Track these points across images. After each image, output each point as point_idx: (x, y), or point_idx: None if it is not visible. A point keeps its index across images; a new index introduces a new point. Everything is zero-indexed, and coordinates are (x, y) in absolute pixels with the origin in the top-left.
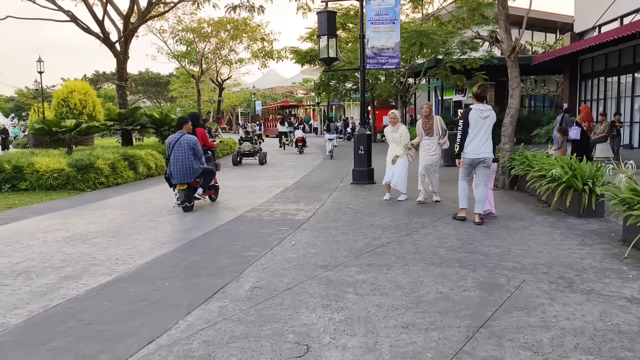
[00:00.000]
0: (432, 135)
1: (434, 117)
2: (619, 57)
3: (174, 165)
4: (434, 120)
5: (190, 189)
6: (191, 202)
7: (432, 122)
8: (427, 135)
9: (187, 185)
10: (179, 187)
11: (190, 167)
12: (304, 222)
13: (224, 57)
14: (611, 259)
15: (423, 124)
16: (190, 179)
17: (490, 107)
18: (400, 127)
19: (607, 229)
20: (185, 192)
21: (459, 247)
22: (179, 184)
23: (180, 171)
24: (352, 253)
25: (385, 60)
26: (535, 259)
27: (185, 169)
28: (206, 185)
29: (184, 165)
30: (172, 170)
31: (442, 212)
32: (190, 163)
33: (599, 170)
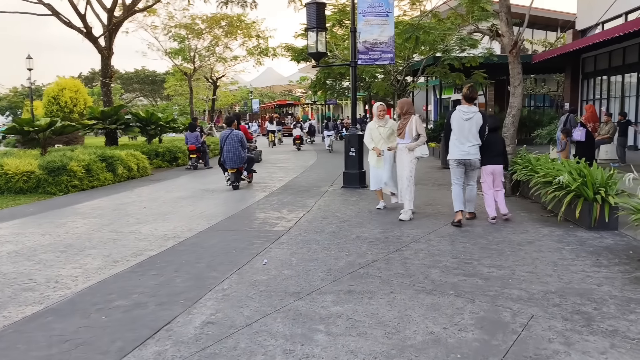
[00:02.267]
0: (403, 137)
1: (411, 117)
2: (623, 55)
3: (227, 154)
4: (409, 120)
5: (238, 173)
6: (239, 182)
7: (407, 122)
8: (399, 137)
9: (236, 170)
10: (230, 171)
11: (239, 155)
12: (283, 234)
13: (218, 54)
14: (634, 286)
15: (399, 123)
16: (240, 164)
17: (477, 109)
18: (389, 122)
19: (623, 245)
20: (235, 175)
21: (454, 267)
22: (230, 168)
23: (233, 158)
24: (331, 275)
25: (379, 56)
26: (544, 284)
27: (235, 157)
28: (249, 169)
29: (235, 154)
30: (226, 158)
31: (438, 223)
32: (239, 152)
33: (612, 177)
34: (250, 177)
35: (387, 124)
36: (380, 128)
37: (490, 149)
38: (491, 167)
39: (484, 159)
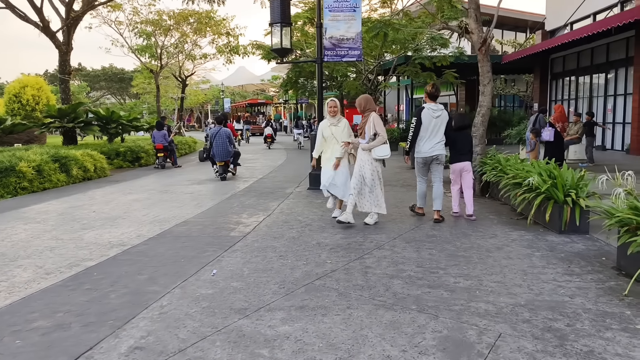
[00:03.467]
0: (363, 137)
1: (370, 115)
2: (591, 55)
3: (216, 149)
4: (369, 118)
5: (226, 165)
6: (227, 174)
7: (366, 120)
8: (360, 137)
9: (224, 163)
10: (219, 164)
11: (227, 149)
12: (239, 241)
13: (187, 51)
14: (608, 298)
15: (361, 121)
16: (227, 158)
17: (442, 107)
18: (342, 121)
19: (595, 250)
20: (223, 167)
21: (419, 277)
22: (219, 161)
23: (221, 153)
24: (284, 287)
25: (345, 52)
26: (513, 297)
27: (224, 151)
28: (235, 162)
29: (223, 149)
30: (215, 152)
31: (404, 227)
32: (227, 147)
33: (583, 179)
34: (235, 169)
35: (340, 122)
36: (333, 127)
37: (458, 147)
38: (460, 164)
39: (452, 157)
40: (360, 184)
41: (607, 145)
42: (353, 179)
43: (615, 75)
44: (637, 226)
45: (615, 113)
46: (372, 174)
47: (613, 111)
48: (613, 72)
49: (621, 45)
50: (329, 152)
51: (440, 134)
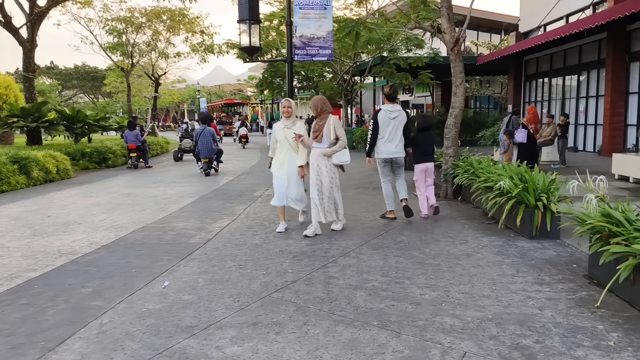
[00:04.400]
0: (320, 141)
1: (329, 117)
2: (564, 57)
3: (201, 147)
4: (326, 120)
5: (210, 162)
6: (210, 169)
7: (324, 123)
8: (315, 141)
9: (209, 159)
10: (204, 160)
11: (210, 147)
12: (198, 248)
13: (160, 50)
14: (579, 310)
15: (314, 124)
16: (211, 155)
17: (400, 108)
18: (298, 123)
19: (566, 257)
20: (207, 164)
21: (384, 288)
22: (203, 158)
23: (205, 150)
24: (239, 301)
25: (316, 52)
26: (480, 309)
27: (208, 149)
28: (218, 159)
29: (208, 146)
30: (200, 149)
31: (373, 232)
32: (211, 145)
33: (554, 182)
34: (217, 166)
35: (295, 124)
36: (287, 130)
37: (421, 148)
38: (423, 165)
39: (415, 157)
40: (319, 194)
41: (579, 147)
42: (312, 190)
43: (588, 77)
44: (609, 234)
45: (587, 115)
46: (331, 181)
47: (585, 113)
48: (585, 74)
49: (593, 48)
50: (281, 157)
51: (399, 135)
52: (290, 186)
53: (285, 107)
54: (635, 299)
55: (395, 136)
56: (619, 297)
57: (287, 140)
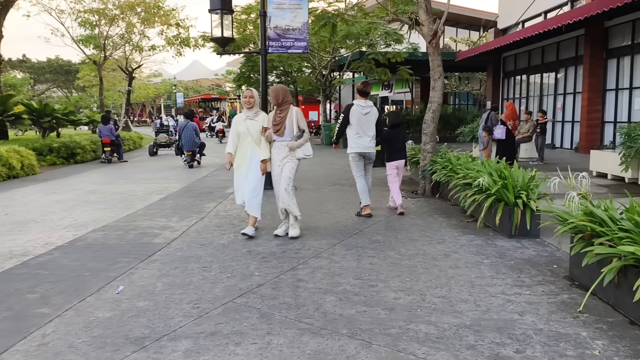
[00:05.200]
0: (282, 134)
1: (290, 109)
2: (542, 54)
3: (184, 140)
4: (288, 112)
5: (193, 155)
6: (194, 162)
7: (285, 114)
8: (277, 134)
9: (192, 152)
10: (187, 153)
11: (193, 141)
12: (161, 249)
13: (134, 43)
14: (561, 315)
15: (274, 116)
16: (194, 148)
17: (372, 104)
18: (260, 114)
19: (546, 256)
20: (190, 157)
21: (356, 292)
22: (187, 151)
23: (189, 143)
24: (199, 308)
25: (291, 44)
26: (457, 315)
27: (191, 142)
28: (200, 152)
29: (191, 140)
30: (183, 143)
31: (347, 231)
32: (193, 138)
33: (534, 179)
34: (200, 159)
35: (258, 116)
36: (249, 121)
37: (393, 144)
38: (396, 162)
39: (388, 154)
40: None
41: (556, 144)
42: (275, 185)
43: (565, 74)
44: (591, 233)
45: (564, 111)
46: (291, 176)
47: (562, 110)
48: (563, 70)
49: (571, 44)
50: (242, 152)
51: (371, 131)
52: (249, 183)
53: (247, 97)
54: (620, 302)
55: (367, 132)
56: (602, 301)
57: (249, 133)
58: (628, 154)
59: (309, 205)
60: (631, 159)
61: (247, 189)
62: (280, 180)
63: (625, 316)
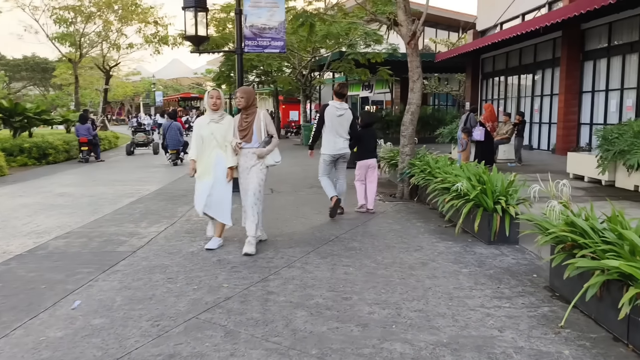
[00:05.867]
0: (249, 140)
1: (257, 113)
2: (520, 55)
3: (169, 140)
4: (255, 116)
5: (177, 153)
6: (177, 160)
7: (252, 119)
8: (243, 140)
9: (176, 151)
10: (171, 152)
11: (177, 139)
12: (125, 258)
13: (111, 41)
14: (542, 330)
15: (239, 120)
16: (178, 147)
17: (347, 106)
18: (226, 117)
19: (525, 265)
20: (175, 155)
21: (328, 306)
22: (171, 150)
23: (173, 142)
24: (159, 325)
25: (268, 43)
26: (435, 332)
27: (175, 141)
28: (184, 150)
29: (174, 139)
30: (168, 142)
31: (321, 238)
32: (178, 137)
33: (513, 184)
34: (184, 157)
35: (223, 119)
36: (214, 124)
37: (364, 144)
38: (366, 162)
39: (358, 154)
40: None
41: (534, 145)
42: (244, 195)
43: (542, 76)
44: (573, 244)
45: (541, 113)
46: (260, 184)
47: (540, 111)
48: (540, 72)
49: (548, 46)
50: (206, 158)
51: (344, 132)
52: (216, 192)
53: (213, 97)
54: (602, 316)
55: (341, 133)
56: (583, 314)
57: (214, 137)
58: (605, 157)
59: (285, 208)
60: (608, 162)
61: (214, 199)
62: (247, 193)
63: (608, 331)
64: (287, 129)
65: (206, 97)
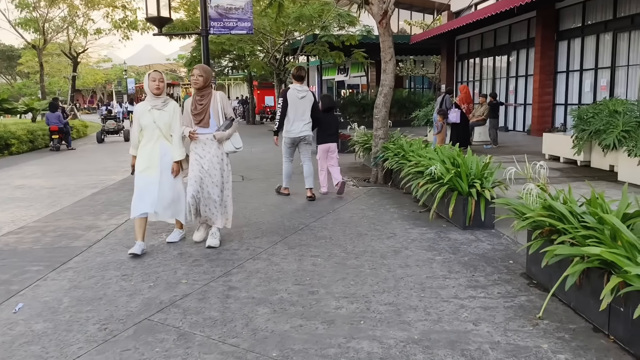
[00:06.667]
0: (207, 125)
1: (214, 94)
2: (494, 36)
3: None
4: (211, 98)
5: None
6: None
7: (208, 101)
8: (199, 125)
9: None
10: None
11: None
12: (79, 253)
13: (78, 26)
14: (520, 322)
15: (193, 103)
16: None
17: (307, 88)
18: (170, 103)
19: (501, 250)
20: None
21: (293, 301)
22: None
23: None
24: (107, 329)
25: (234, 24)
26: (405, 328)
27: None
28: None
29: None
30: None
31: (290, 227)
32: None
33: (488, 167)
34: None
35: (167, 105)
36: (156, 111)
37: (325, 128)
38: (326, 145)
39: (319, 137)
40: (198, 194)
41: (509, 127)
42: (189, 188)
43: (517, 57)
44: (550, 229)
45: (516, 94)
46: (223, 173)
47: (515, 92)
48: (515, 53)
49: (523, 27)
50: (149, 150)
51: (307, 114)
52: (166, 189)
53: (155, 80)
54: (582, 305)
55: (303, 116)
56: (562, 303)
57: (157, 126)
58: (581, 137)
59: (255, 196)
60: (584, 142)
61: (164, 195)
62: (212, 186)
63: (588, 321)
64: (262, 115)
65: (146, 80)
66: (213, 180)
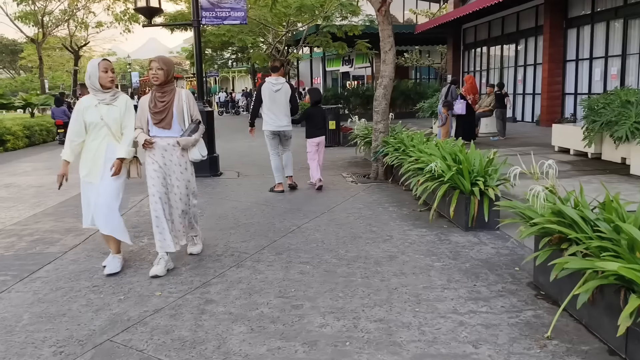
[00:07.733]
0: (169, 126)
1: (178, 92)
2: (502, 25)
3: None
4: (174, 95)
5: None
6: None
7: (171, 99)
8: (159, 126)
9: None
10: None
11: None
12: (52, 261)
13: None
14: (526, 343)
15: (152, 100)
16: None
17: (284, 81)
18: (121, 97)
19: (506, 255)
20: None
21: (274, 317)
22: None
23: None
24: (62, 353)
25: (227, 14)
26: (396, 351)
27: None
28: None
29: None
30: None
31: (281, 229)
32: None
33: (492, 163)
34: None
35: (117, 99)
36: (104, 107)
37: (313, 122)
38: (316, 139)
39: (308, 131)
40: (166, 209)
41: (517, 117)
42: (153, 204)
43: (525, 45)
44: (560, 236)
45: (525, 84)
46: (187, 186)
47: (523, 82)
48: (523, 42)
49: (531, 14)
50: (93, 151)
51: (285, 107)
52: (105, 193)
53: (107, 70)
54: (595, 323)
55: (280, 109)
56: (573, 318)
57: (105, 124)
58: (591, 128)
59: (248, 194)
60: (594, 134)
61: (101, 201)
62: (175, 199)
63: (602, 342)
64: None
65: (95, 69)
66: (177, 192)
